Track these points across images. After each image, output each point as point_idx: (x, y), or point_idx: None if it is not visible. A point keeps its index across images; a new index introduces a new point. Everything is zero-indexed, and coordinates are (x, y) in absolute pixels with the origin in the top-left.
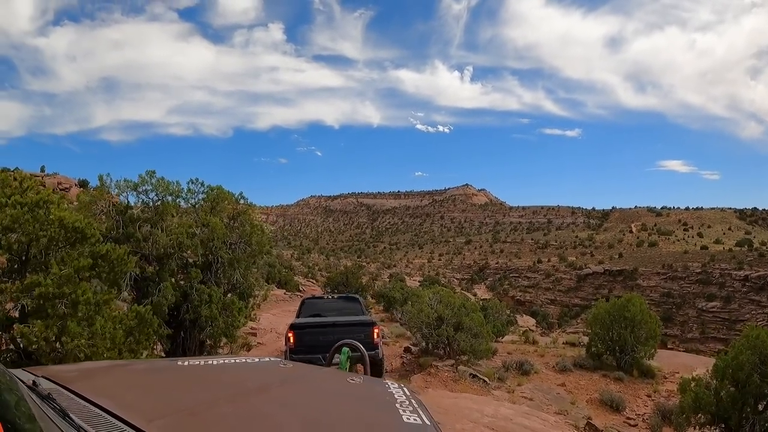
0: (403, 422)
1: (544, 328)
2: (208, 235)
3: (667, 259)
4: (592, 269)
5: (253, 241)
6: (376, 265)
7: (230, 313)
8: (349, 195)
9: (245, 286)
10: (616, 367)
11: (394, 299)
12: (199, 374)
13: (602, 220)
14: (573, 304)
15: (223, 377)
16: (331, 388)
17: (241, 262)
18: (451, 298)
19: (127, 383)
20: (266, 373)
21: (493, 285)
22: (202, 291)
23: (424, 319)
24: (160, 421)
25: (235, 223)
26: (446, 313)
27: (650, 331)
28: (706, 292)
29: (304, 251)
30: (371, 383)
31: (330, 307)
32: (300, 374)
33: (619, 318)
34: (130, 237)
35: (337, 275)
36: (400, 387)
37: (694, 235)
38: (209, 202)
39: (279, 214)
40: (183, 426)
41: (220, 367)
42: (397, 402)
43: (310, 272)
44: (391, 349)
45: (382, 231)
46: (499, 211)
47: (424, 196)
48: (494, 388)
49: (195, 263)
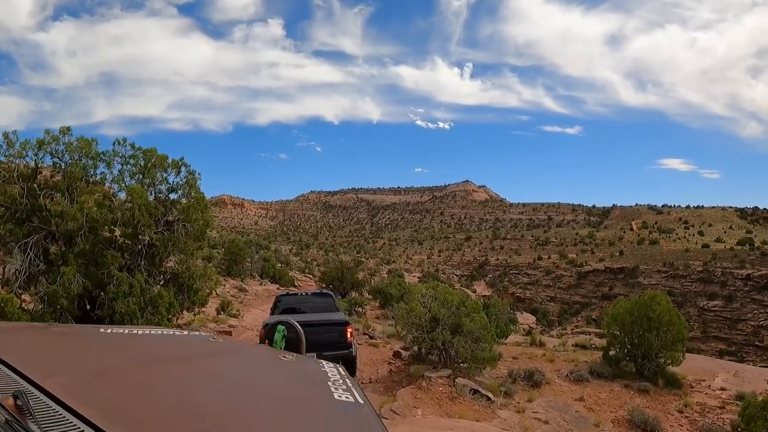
0: (334, 399)
1: (544, 325)
2: (130, 208)
3: (668, 257)
4: (592, 267)
5: (192, 218)
6: (375, 261)
7: (156, 311)
8: (348, 190)
9: (185, 277)
10: (637, 375)
11: (391, 295)
12: (119, 341)
13: (603, 218)
14: (573, 302)
15: (143, 346)
16: (260, 363)
17: (179, 244)
18: (448, 295)
19: (39, 344)
20: (192, 345)
21: (493, 282)
22: (121, 280)
23: (415, 320)
24: (60, 378)
25: (173, 197)
26: (442, 313)
27: (677, 334)
28: (708, 291)
29: (302, 246)
30: (304, 361)
31: (304, 304)
32: (228, 348)
33: (641, 318)
34: (36, 210)
35: (332, 270)
36: (334, 366)
37: (695, 233)
38: (138, 167)
39: (279, 209)
40: (84, 385)
41: (144, 336)
42: (330, 380)
43: (307, 267)
44: (380, 352)
45: (382, 227)
46: (500, 207)
47: (424, 192)
48: (500, 406)
49: (121, 245)
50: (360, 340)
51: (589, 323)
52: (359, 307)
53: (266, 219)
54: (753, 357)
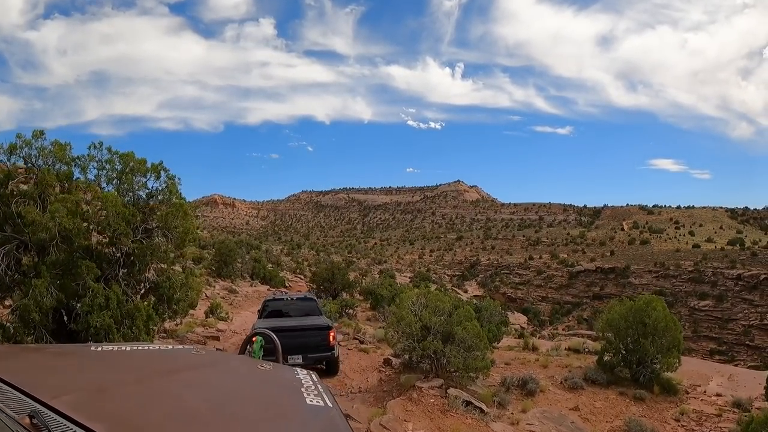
0: (306, 404)
1: (535, 325)
2: (106, 216)
3: (659, 257)
4: (583, 266)
5: (171, 225)
6: (366, 261)
7: (134, 324)
8: (340, 190)
9: (166, 287)
10: (632, 382)
11: (382, 296)
12: (110, 358)
13: (594, 218)
14: (564, 302)
15: (133, 361)
16: (241, 372)
17: (158, 253)
18: (440, 302)
19: (40, 365)
20: (178, 358)
21: (485, 281)
22: (96, 292)
23: (405, 329)
24: (66, 397)
25: (152, 204)
26: (433, 321)
27: (673, 340)
28: (699, 291)
29: (294, 246)
30: (280, 369)
31: (289, 307)
32: (211, 360)
33: (636, 324)
34: (9, 218)
35: (323, 271)
36: (308, 374)
37: (685, 233)
38: (114, 172)
39: (270, 209)
40: (88, 401)
41: (132, 352)
42: (303, 386)
43: (298, 268)
44: (370, 359)
45: (373, 227)
46: (491, 207)
47: (415, 192)
48: (494, 418)
49: (98, 254)
50: (350, 345)
51: (580, 323)
52: (350, 309)
53: (257, 219)
54: (744, 356)
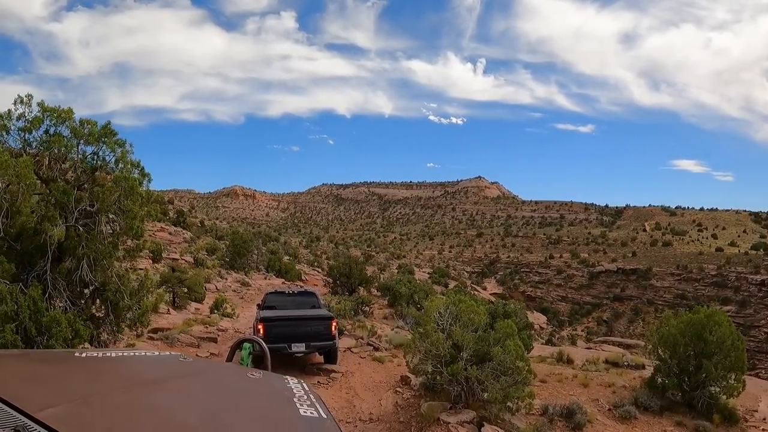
0: (300, 415)
1: (554, 325)
2: (15, 192)
3: (681, 259)
4: (605, 267)
5: (108, 205)
6: (385, 256)
7: (49, 342)
8: (360, 184)
9: (111, 291)
10: (685, 407)
11: (400, 294)
12: (96, 366)
13: (615, 218)
14: (584, 302)
15: (120, 369)
16: (231, 382)
17: (93, 245)
18: (473, 315)
19: (24, 373)
20: (165, 366)
21: (504, 279)
22: (2, 298)
23: (430, 349)
24: (52, 410)
25: (90, 180)
26: (466, 339)
27: (737, 360)
28: (721, 296)
29: (312, 239)
30: (271, 378)
31: (290, 301)
32: (199, 368)
33: (695, 339)
34: None
35: (340, 265)
36: (299, 382)
37: (708, 236)
38: (45, 135)
39: (290, 201)
40: (75, 414)
41: (119, 359)
42: (295, 396)
43: (316, 261)
44: (385, 371)
45: (393, 221)
46: (512, 204)
47: (436, 188)
48: None
49: (13, 246)
50: (363, 353)
51: (600, 324)
52: (366, 307)
53: (277, 211)
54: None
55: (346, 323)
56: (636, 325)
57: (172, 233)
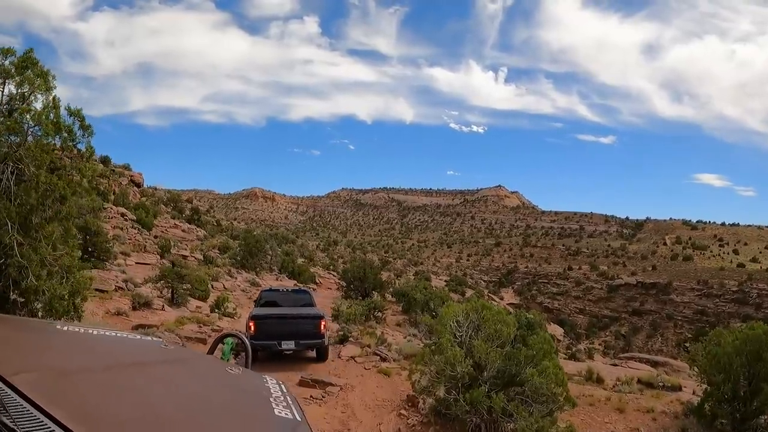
0: (274, 415)
1: (571, 338)
2: None
3: (702, 274)
4: (624, 280)
5: (33, 155)
6: (402, 262)
7: None
8: (380, 189)
9: (12, 267)
10: None
11: (415, 300)
12: (77, 340)
13: (636, 230)
14: (602, 315)
15: (100, 347)
16: (210, 374)
17: None
18: (500, 324)
19: (1, 337)
20: (146, 350)
21: (521, 290)
22: None
23: (444, 368)
24: (27, 375)
25: None
26: (491, 357)
27: None
28: (742, 313)
29: (330, 243)
30: (249, 376)
31: (284, 298)
32: (179, 357)
33: (752, 360)
34: None
35: (354, 269)
36: (277, 383)
37: (729, 251)
38: None
39: (309, 204)
40: (50, 384)
41: (100, 337)
42: (272, 396)
43: (332, 264)
44: (391, 386)
45: (412, 228)
46: (531, 214)
47: (455, 195)
48: None
49: None
50: (368, 363)
51: (618, 338)
52: (378, 312)
53: (296, 213)
54: None
55: (353, 329)
56: (654, 341)
57: (186, 230)
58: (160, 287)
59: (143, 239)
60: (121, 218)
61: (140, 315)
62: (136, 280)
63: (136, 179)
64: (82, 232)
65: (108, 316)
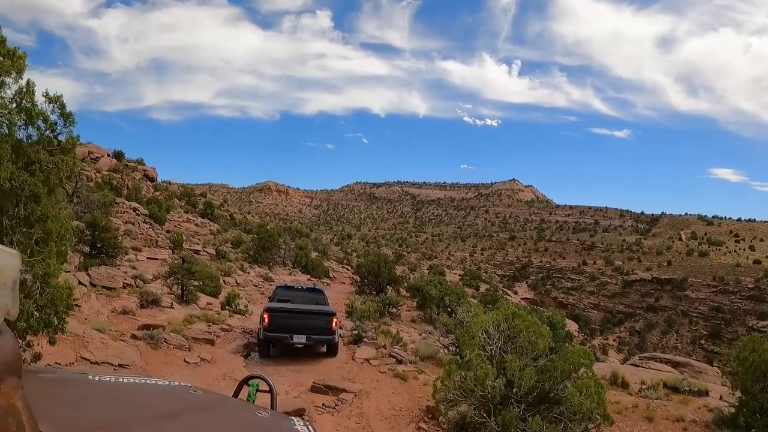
0: None
1: (586, 334)
2: None
3: (718, 271)
4: (639, 275)
5: None
6: (416, 256)
7: None
8: (394, 183)
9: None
10: None
11: (430, 296)
12: (111, 393)
13: (651, 225)
14: (617, 311)
15: (135, 398)
16: (240, 419)
17: None
18: (535, 336)
19: (39, 394)
20: (177, 398)
21: (535, 284)
22: None
23: (473, 387)
24: None
25: None
26: (525, 373)
27: None
28: (758, 310)
29: (344, 237)
30: (277, 419)
31: (298, 296)
32: (210, 403)
33: None
34: None
35: (368, 263)
36: (305, 424)
37: (745, 247)
38: None
39: (323, 198)
40: None
41: (132, 386)
42: None
43: (346, 258)
44: (408, 392)
45: (426, 221)
46: (545, 208)
47: (469, 189)
48: None
49: None
50: (384, 366)
51: (632, 335)
52: (393, 308)
53: (310, 207)
54: None
55: (367, 327)
56: (669, 337)
57: (199, 224)
58: (169, 284)
59: (155, 234)
60: (133, 213)
61: (148, 313)
62: (146, 276)
63: (150, 174)
64: (90, 228)
65: (114, 315)
